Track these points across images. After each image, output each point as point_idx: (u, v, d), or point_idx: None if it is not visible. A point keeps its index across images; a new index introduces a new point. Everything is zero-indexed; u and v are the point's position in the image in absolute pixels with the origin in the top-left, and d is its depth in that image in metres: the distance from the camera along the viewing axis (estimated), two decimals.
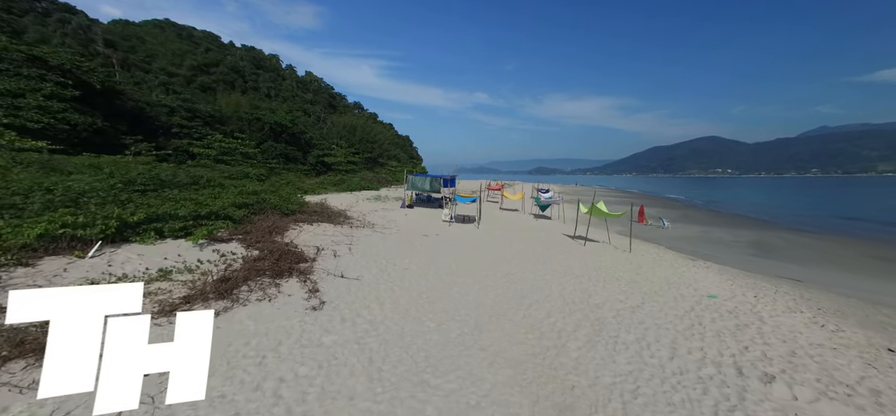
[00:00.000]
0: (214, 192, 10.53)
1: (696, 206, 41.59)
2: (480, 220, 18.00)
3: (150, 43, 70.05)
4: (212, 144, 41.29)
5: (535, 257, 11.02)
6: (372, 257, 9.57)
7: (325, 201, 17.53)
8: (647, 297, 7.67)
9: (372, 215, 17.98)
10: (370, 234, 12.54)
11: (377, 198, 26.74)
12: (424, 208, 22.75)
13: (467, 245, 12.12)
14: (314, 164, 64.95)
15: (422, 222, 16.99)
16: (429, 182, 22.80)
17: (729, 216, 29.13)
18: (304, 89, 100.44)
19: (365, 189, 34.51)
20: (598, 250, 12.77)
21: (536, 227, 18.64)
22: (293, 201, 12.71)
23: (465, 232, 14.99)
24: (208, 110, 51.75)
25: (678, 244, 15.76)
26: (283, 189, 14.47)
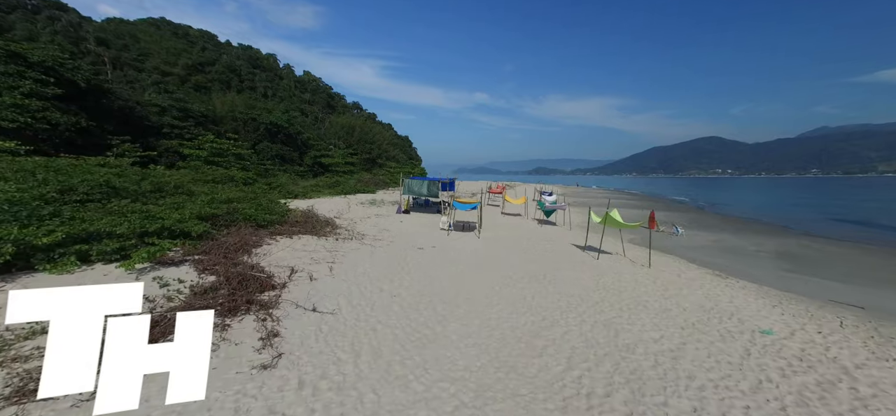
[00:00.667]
0: (178, 201, 9.16)
1: (704, 209, 40.19)
2: (481, 227, 16.60)
3: (144, 41, 68.67)
4: (202, 145, 39.92)
5: (545, 274, 9.64)
6: (356, 279, 8.18)
7: (313, 208, 16.12)
8: (686, 333, 6.29)
9: (364, 222, 16.57)
10: (358, 247, 11.15)
11: (372, 202, 25.33)
12: (421, 214, 21.36)
13: (467, 261, 10.73)
14: (311, 165, 63.57)
15: (418, 231, 15.60)
16: (426, 186, 21.40)
17: (742, 221, 27.70)
18: (302, 89, 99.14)
19: (360, 192, 33.10)
20: (614, 265, 11.39)
21: (542, 235, 17.25)
22: (274, 210, 11.32)
23: (465, 243, 13.60)
24: (201, 110, 50.32)
25: (697, 255, 14.37)
26: (265, 196, 13.08)
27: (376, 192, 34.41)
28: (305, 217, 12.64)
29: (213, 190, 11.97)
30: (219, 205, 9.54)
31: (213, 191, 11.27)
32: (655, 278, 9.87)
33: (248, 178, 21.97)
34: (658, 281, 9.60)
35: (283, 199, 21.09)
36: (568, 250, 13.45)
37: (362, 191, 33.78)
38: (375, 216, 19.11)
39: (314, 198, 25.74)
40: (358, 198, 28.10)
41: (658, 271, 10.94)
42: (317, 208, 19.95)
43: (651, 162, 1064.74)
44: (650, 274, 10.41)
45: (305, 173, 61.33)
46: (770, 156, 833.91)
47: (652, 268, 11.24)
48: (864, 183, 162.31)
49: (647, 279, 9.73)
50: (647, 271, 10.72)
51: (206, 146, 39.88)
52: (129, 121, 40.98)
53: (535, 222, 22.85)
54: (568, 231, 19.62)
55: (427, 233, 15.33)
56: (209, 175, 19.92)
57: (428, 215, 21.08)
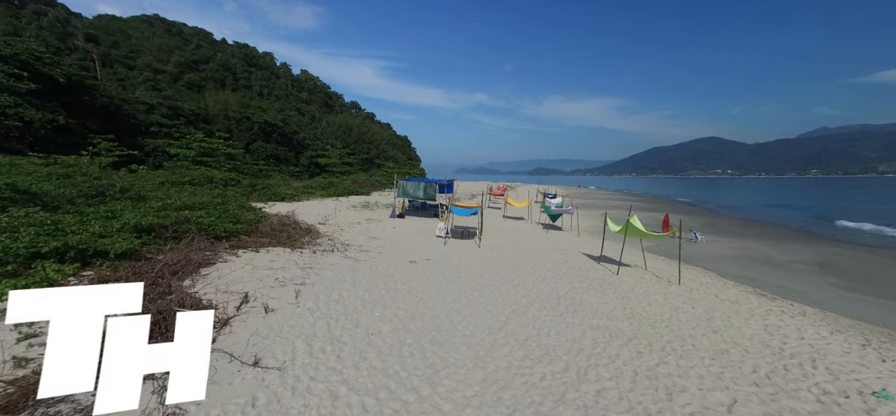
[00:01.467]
0: (115, 209, 7.50)
1: (714, 211, 38.53)
2: (482, 234, 14.93)
3: (135, 39, 67.01)
4: (190, 144, 38.27)
5: (560, 296, 7.99)
6: (327, 308, 6.50)
7: (295, 213, 14.42)
8: (766, 394, 4.62)
9: (351, 229, 14.89)
10: (338, 262, 9.48)
11: (365, 205, 23.65)
12: (417, 218, 19.67)
13: (466, 277, 9.05)
14: (307, 165, 61.96)
15: (411, 239, 13.92)
16: (422, 188, 19.73)
17: (759, 225, 26.03)
18: (299, 88, 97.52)
19: (354, 194, 31.42)
20: (638, 281, 9.72)
21: (549, 242, 15.58)
22: (241, 218, 9.65)
23: (464, 254, 11.92)
24: (192, 108, 48.64)
25: (726, 267, 12.69)
26: (235, 200, 11.39)
27: (371, 193, 32.72)
28: (282, 225, 10.97)
29: (169, 194, 10.31)
30: (169, 213, 7.88)
31: (167, 195, 9.59)
32: (692, 301, 8.20)
33: (229, 179, 20.26)
34: (697, 305, 7.93)
35: (266, 201, 19.48)
36: (581, 263, 11.77)
37: (357, 192, 32.10)
38: (366, 222, 17.43)
39: (304, 200, 24.05)
40: (351, 200, 26.42)
41: (691, 289, 9.27)
42: (303, 212, 18.27)
43: (651, 163, 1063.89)
44: (683, 294, 8.74)
45: (301, 174, 59.74)
46: (770, 156, 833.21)
47: (682, 285, 9.58)
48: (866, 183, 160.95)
49: (682, 303, 8.06)
50: (678, 291, 9.06)
51: (195, 145, 38.23)
52: (115, 119, 39.26)
53: (540, 226, 21.18)
54: (576, 237, 17.97)
55: (422, 241, 13.65)
56: (187, 176, 18.24)
57: (424, 220, 19.40)
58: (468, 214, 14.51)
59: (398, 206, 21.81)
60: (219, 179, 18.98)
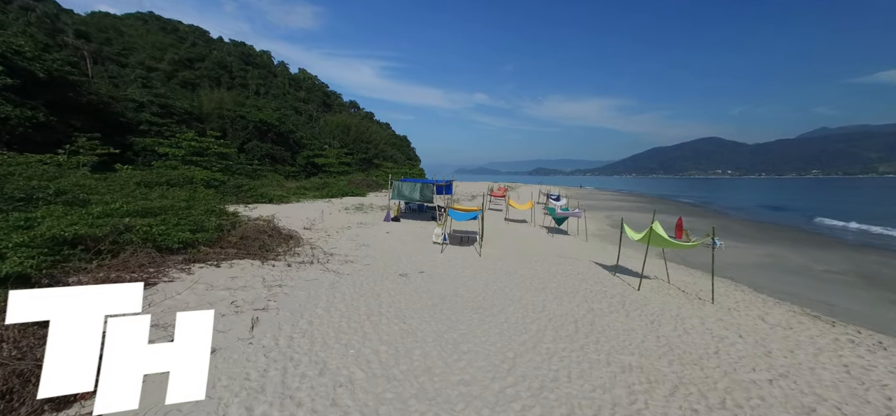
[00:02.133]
0: (38, 215, 6.13)
1: (723, 213, 37.19)
2: (483, 241, 13.55)
3: (128, 36, 65.68)
4: (180, 143, 36.94)
5: (577, 320, 6.62)
6: (287, 345, 5.11)
7: (276, 217, 13.04)
8: None
9: (339, 235, 13.51)
10: (317, 276, 8.11)
11: (359, 207, 22.28)
12: (413, 222, 18.30)
13: (465, 297, 7.68)
14: (304, 165, 60.68)
15: (405, 246, 12.54)
16: (419, 189, 18.35)
17: (777, 228, 24.59)
18: (297, 87, 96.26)
19: (349, 195, 30.05)
20: (665, 299, 8.36)
21: (556, 249, 14.21)
22: (204, 225, 8.27)
23: (463, 264, 10.55)
24: (185, 107, 47.28)
25: (757, 278, 11.30)
26: (204, 204, 10.02)
27: (367, 195, 31.35)
28: (257, 232, 9.59)
29: (127, 196, 8.94)
30: (105, 221, 6.51)
31: (116, 199, 8.20)
32: (737, 327, 6.82)
33: (213, 179, 18.85)
34: (745, 333, 6.55)
35: (250, 204, 18.07)
36: (594, 274, 10.39)
37: (352, 193, 30.73)
38: (357, 226, 16.04)
39: (293, 202, 22.67)
40: (345, 202, 25.07)
41: (729, 309, 7.89)
42: (289, 215, 16.89)
43: (651, 163, 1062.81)
44: (723, 317, 7.37)
45: (298, 174, 58.44)
46: (770, 157, 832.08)
47: (717, 304, 8.20)
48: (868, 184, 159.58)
49: (725, 330, 6.68)
50: (714, 312, 7.68)
51: (185, 144, 36.91)
52: (103, 117, 37.89)
53: (544, 229, 19.81)
54: (584, 243, 16.60)
55: (416, 249, 12.27)
56: (164, 176, 16.85)
57: (420, 223, 18.03)
58: (468, 218, 13.14)
59: (393, 208, 20.43)
60: (199, 179, 17.59)
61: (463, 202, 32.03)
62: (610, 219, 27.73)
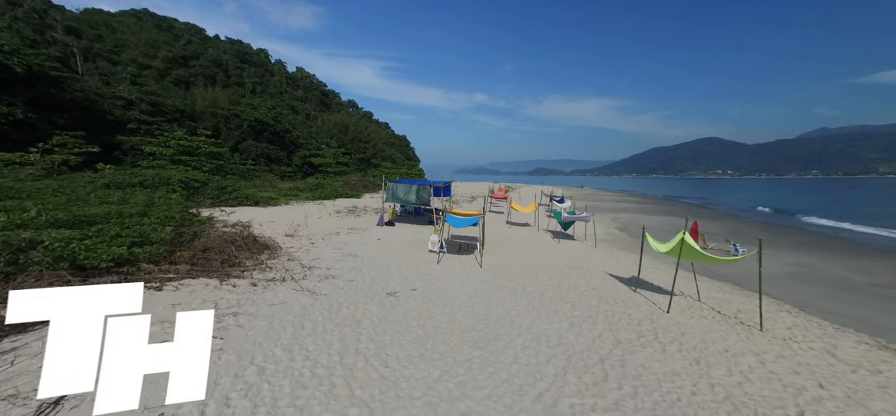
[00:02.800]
0: None
1: (734, 215, 35.87)
2: (484, 249, 12.23)
3: (121, 33, 64.32)
4: (168, 142, 35.60)
5: (603, 360, 5.32)
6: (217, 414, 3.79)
7: (257, 222, 11.70)
8: None
9: (325, 242, 12.17)
10: (286, 299, 6.80)
11: (352, 210, 20.94)
12: (408, 226, 16.99)
13: (465, 325, 6.38)
14: (300, 165, 59.41)
15: (397, 254, 11.22)
16: (414, 191, 17.02)
17: (796, 232, 23.22)
18: (295, 86, 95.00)
19: (344, 196, 28.72)
20: (700, 323, 7.05)
21: (564, 258, 12.90)
22: (152, 237, 6.90)
23: (462, 277, 9.24)
24: (176, 105, 45.94)
25: (799, 294, 9.95)
26: (163, 209, 8.68)
27: (362, 196, 30.01)
28: (223, 242, 8.27)
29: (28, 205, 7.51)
30: (7, 234, 5.15)
31: (26, 206, 6.76)
32: (809, 369, 5.46)
33: (192, 179, 17.50)
34: (826, 381, 5.16)
35: (232, 207, 16.72)
36: (613, 290, 9.08)
37: (346, 195, 29.40)
38: (347, 232, 14.71)
39: (283, 204, 21.32)
40: (338, 204, 23.75)
41: (784, 340, 6.54)
42: (275, 218, 15.57)
43: (651, 163, 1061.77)
44: (782, 351, 6.03)
45: (294, 174, 57.11)
46: (770, 157, 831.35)
47: (768, 332, 6.86)
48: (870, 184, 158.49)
49: (796, 374, 5.32)
50: (767, 344, 6.34)
51: (173, 143, 35.61)
52: (90, 115, 36.55)
53: (548, 234, 18.51)
54: (593, 250, 15.30)
55: (410, 258, 10.95)
56: (137, 177, 15.50)
57: (416, 228, 16.71)
58: (467, 224, 11.81)
59: (387, 212, 19.12)
60: (177, 180, 16.24)
61: (462, 205, 30.70)
62: (617, 222, 26.43)
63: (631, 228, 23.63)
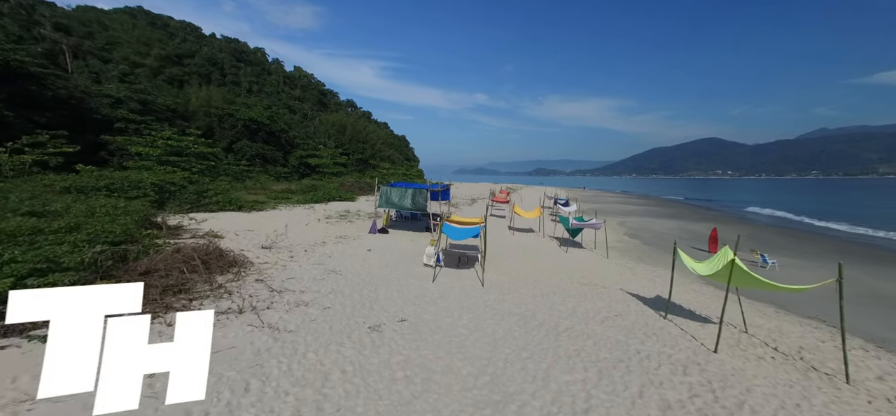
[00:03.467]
0: None
1: (748, 219, 34.48)
2: (486, 261, 10.82)
3: (112, 30, 62.92)
4: (155, 142, 34.14)
5: None
6: None
7: (229, 233, 10.27)
8: None
9: (306, 256, 10.74)
10: (240, 339, 5.40)
11: (344, 215, 19.50)
12: (403, 233, 15.58)
13: (462, 374, 4.98)
14: (296, 166, 58.04)
15: (387, 272, 9.80)
16: (410, 196, 15.60)
17: (822, 239, 21.63)
18: (292, 85, 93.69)
19: (337, 199, 27.29)
20: (763, 371, 5.64)
21: (575, 271, 11.50)
22: (68, 262, 5.40)
23: (460, 301, 7.84)
24: (167, 103, 44.54)
25: (864, 324, 8.42)
26: (99, 221, 7.23)
27: (357, 199, 28.56)
28: (174, 263, 6.84)
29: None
30: None
31: None
32: None
33: (167, 183, 16.03)
34: None
35: (209, 212, 15.20)
36: (639, 316, 7.67)
37: (341, 197, 27.97)
38: (335, 241, 13.29)
39: (270, 209, 19.89)
40: (330, 208, 22.33)
41: (888, 398, 5.12)
42: (254, 227, 14.14)
43: (651, 163, 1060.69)
44: None
45: (290, 175, 55.67)
46: (770, 157, 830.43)
47: (858, 386, 5.42)
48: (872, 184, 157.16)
49: None
50: (866, 405, 4.92)
51: (160, 143, 34.14)
52: (76, 113, 35.13)
53: (554, 241, 17.13)
54: (605, 261, 13.91)
55: (401, 275, 9.54)
56: (104, 180, 14.06)
57: (411, 236, 15.30)
58: (467, 235, 10.37)
59: (381, 217, 17.70)
60: (150, 183, 14.74)
61: (462, 208, 29.27)
62: (625, 227, 25.00)
63: (642, 234, 22.22)
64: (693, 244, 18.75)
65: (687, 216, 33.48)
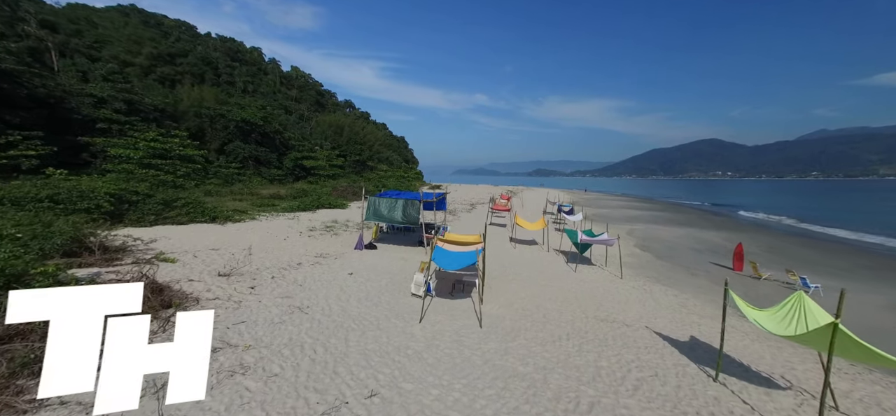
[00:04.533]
0: None
1: (766, 227, 32.78)
2: (485, 285, 9.15)
3: (102, 28, 61.25)
4: (136, 144, 32.45)
5: None
6: None
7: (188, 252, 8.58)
8: None
9: (272, 286, 9.05)
10: None
11: (330, 226, 17.80)
12: (393, 248, 13.91)
13: None
14: (291, 168, 56.41)
15: (366, 307, 8.12)
16: (400, 208, 13.94)
17: (849, 252, 19.85)
18: (289, 86, 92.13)
19: (329, 206, 25.59)
20: None
21: (590, 299, 9.84)
22: None
23: (451, 358, 6.18)
24: (155, 103, 42.78)
25: None
26: None
27: (348, 205, 26.85)
28: None
29: None
30: None
31: None
32: None
33: (127, 191, 14.25)
34: None
35: (172, 223, 13.43)
36: (683, 378, 6.01)
37: (331, 204, 26.27)
38: (313, 262, 11.59)
39: (249, 220, 18.17)
40: (316, 217, 20.64)
41: None
42: (222, 244, 12.45)
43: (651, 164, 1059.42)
44: None
45: (285, 177, 53.94)
46: (769, 159, 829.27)
47: None
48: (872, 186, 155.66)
49: None
50: None
51: (143, 145, 32.47)
52: (55, 113, 33.42)
53: (561, 256, 15.48)
54: (619, 282, 12.25)
55: (384, 311, 7.87)
56: (44, 191, 12.29)
57: (403, 251, 13.64)
58: (462, 264, 8.66)
59: (371, 231, 16.03)
60: (104, 192, 12.94)
61: (459, 216, 27.54)
62: (633, 236, 23.31)
63: (653, 245, 20.54)
64: (713, 260, 17.10)
65: (696, 223, 31.81)
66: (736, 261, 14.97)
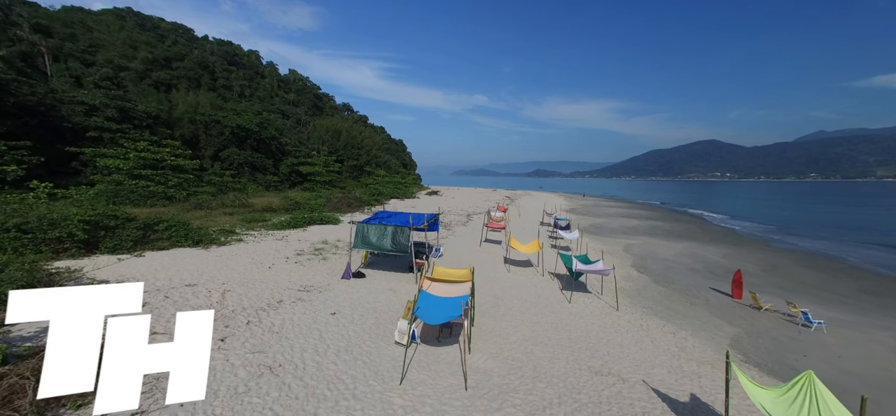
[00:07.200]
0: None
1: (765, 240, 32.31)
2: (476, 319, 8.65)
3: (97, 32, 60.55)
4: (126, 154, 31.89)
5: None
6: None
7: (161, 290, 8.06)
8: None
9: (242, 335, 8.54)
10: None
11: (320, 249, 17.27)
12: (383, 276, 13.41)
13: None
14: (288, 174, 55.91)
15: (342, 367, 7.62)
16: (389, 236, 13.42)
17: (864, 275, 19.18)
18: (286, 89, 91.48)
19: (321, 222, 25.05)
20: None
21: (584, 345, 9.38)
22: None
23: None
24: (149, 110, 42.16)
25: None
26: None
27: (341, 220, 26.31)
28: None
29: None
30: None
31: None
32: None
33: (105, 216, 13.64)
34: None
35: (145, 250, 12.69)
36: None
37: (323, 219, 25.74)
38: (295, 297, 11.08)
39: (234, 243, 17.63)
40: (307, 236, 20.11)
41: None
42: (202, 275, 11.95)
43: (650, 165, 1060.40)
44: None
45: (280, 183, 53.39)
46: (768, 160, 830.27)
47: None
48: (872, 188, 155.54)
49: None
50: None
51: (133, 155, 31.90)
52: (43, 121, 32.82)
53: (556, 282, 15.02)
54: (617, 317, 11.81)
55: (362, 368, 7.39)
56: (12, 219, 11.61)
57: (393, 278, 13.14)
58: (447, 319, 8.12)
59: (361, 257, 15.52)
60: (77, 217, 12.21)
61: (455, 227, 27.00)
62: (631, 253, 22.85)
63: (650, 265, 20.08)
64: (712, 284, 16.66)
65: (696, 236, 31.34)
66: (735, 288, 14.52)
